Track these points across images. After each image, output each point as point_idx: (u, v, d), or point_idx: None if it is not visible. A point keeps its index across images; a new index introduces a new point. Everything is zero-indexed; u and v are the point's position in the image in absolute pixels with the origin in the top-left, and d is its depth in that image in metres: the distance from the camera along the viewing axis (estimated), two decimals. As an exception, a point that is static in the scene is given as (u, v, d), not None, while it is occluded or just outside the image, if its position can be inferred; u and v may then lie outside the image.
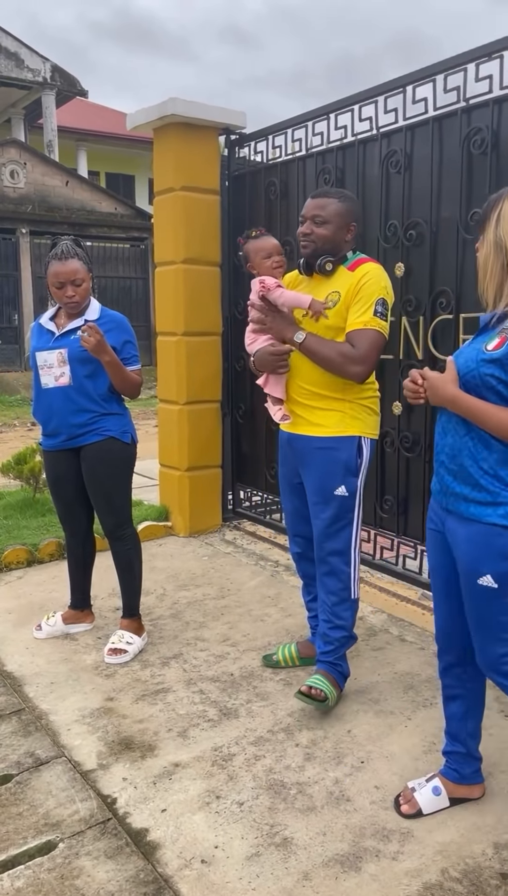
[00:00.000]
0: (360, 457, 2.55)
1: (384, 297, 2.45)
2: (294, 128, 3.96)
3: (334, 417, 2.54)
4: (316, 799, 2.15)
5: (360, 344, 2.42)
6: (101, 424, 2.98)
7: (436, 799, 2.08)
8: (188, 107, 4.11)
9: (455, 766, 2.11)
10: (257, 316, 2.57)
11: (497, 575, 1.77)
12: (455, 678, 2.08)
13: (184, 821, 2.07)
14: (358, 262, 2.50)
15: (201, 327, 4.46)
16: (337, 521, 2.57)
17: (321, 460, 2.55)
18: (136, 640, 3.06)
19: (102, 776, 2.28)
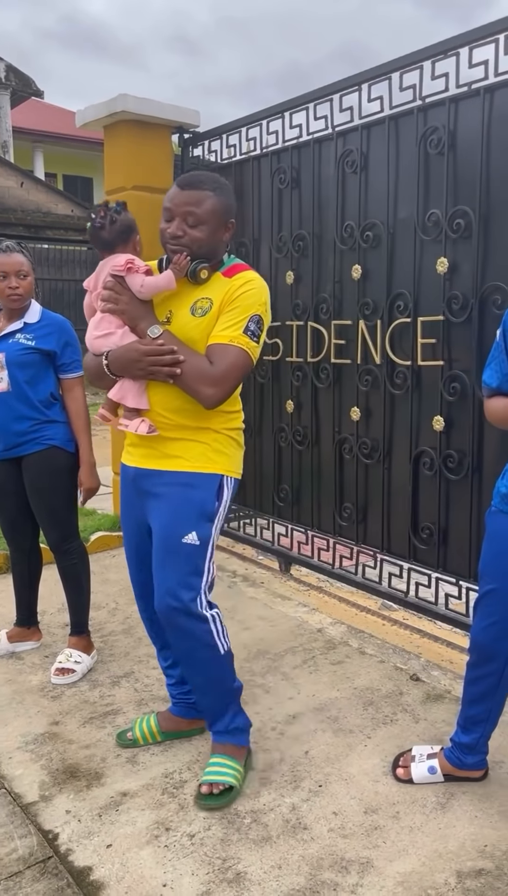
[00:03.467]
0: (219, 499, 2.12)
1: (260, 314, 2.03)
2: (248, 126, 3.86)
3: (195, 449, 2.09)
4: (271, 828, 2.04)
5: (219, 362, 1.98)
6: (43, 433, 2.84)
7: (430, 776, 2.17)
8: (139, 104, 3.98)
9: (459, 755, 2.17)
10: (110, 294, 2.06)
11: None
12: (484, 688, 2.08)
13: (130, 857, 1.94)
14: (236, 269, 2.10)
15: (154, 331, 4.32)
16: (180, 572, 2.09)
17: (172, 500, 2.09)
18: (84, 659, 2.92)
19: (44, 809, 2.13)
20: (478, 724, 2.12)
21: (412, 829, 2.03)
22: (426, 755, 2.21)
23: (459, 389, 2.93)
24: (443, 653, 3.08)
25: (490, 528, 2.00)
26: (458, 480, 2.99)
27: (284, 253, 3.75)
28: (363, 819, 2.07)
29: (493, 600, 1.99)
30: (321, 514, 3.73)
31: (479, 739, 2.14)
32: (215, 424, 2.11)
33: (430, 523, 3.15)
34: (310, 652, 3.08)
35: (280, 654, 3.07)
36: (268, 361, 3.91)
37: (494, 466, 2.88)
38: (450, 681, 2.81)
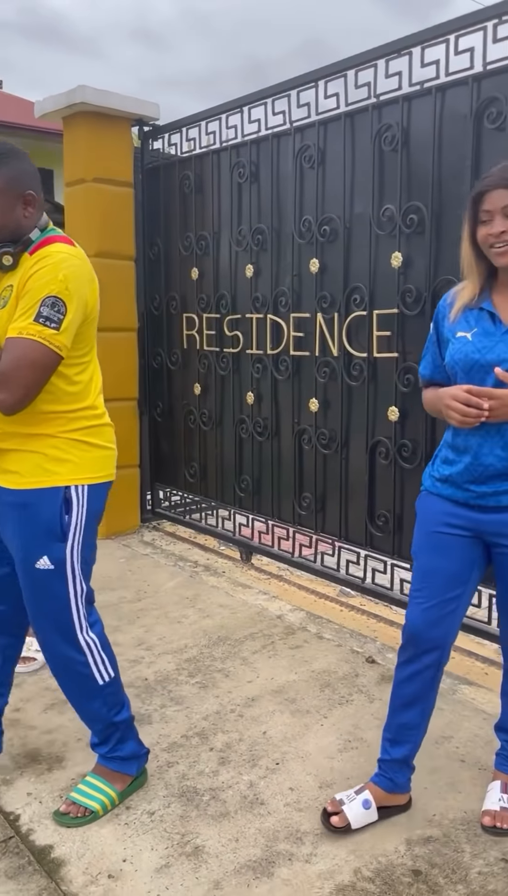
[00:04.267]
0: (69, 513, 1.89)
1: (56, 293, 1.76)
2: (208, 120, 3.90)
3: (29, 461, 1.88)
4: (229, 804, 2.10)
5: (5, 359, 1.75)
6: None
7: (366, 813, 1.97)
8: (98, 95, 3.99)
9: (391, 774, 2.01)
10: None
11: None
12: (422, 684, 1.97)
13: (91, 835, 1.99)
14: (42, 244, 1.86)
15: (115, 323, 4.34)
16: (42, 602, 1.95)
17: (17, 522, 1.90)
18: (39, 657, 2.94)
19: (6, 792, 2.16)
20: (412, 730, 1.99)
21: (364, 801, 2.10)
22: (354, 792, 2.01)
23: (413, 381, 3.02)
24: (398, 636, 3.15)
25: (420, 509, 2.01)
26: (412, 469, 3.08)
27: (243, 246, 3.80)
28: (319, 793, 2.14)
29: (428, 582, 1.94)
30: (281, 503, 3.80)
31: (412, 750, 2.01)
32: (51, 429, 1.88)
33: (386, 511, 3.23)
34: (269, 637, 3.15)
35: (240, 640, 3.13)
36: (229, 354, 3.96)
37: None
38: (404, 662, 2.90)
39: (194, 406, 4.29)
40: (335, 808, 1.98)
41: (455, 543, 1.91)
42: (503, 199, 1.73)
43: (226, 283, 3.94)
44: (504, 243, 1.74)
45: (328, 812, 1.99)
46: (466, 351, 1.82)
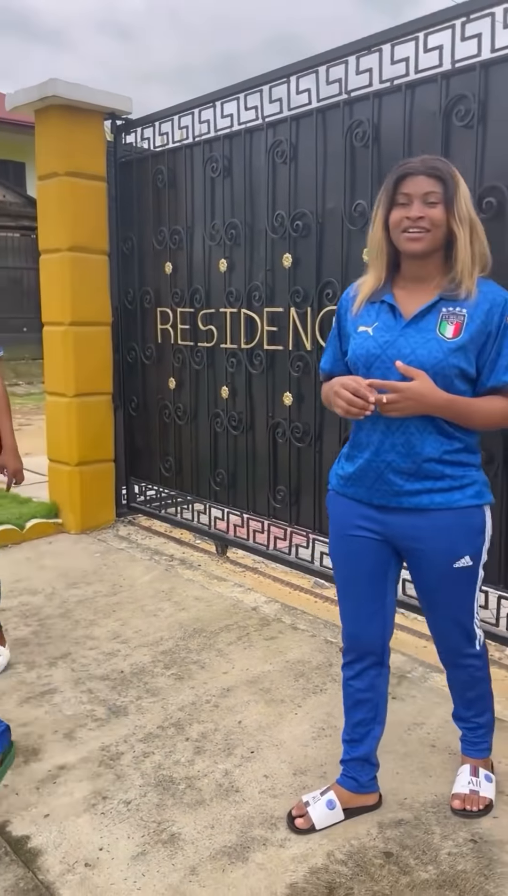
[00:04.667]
0: None
1: None
2: (181, 114, 3.90)
3: None
4: (205, 792, 2.13)
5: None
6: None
7: (330, 813, 1.97)
8: (70, 88, 3.98)
9: (354, 774, 2.01)
10: None
11: (473, 552, 1.86)
12: (368, 682, 1.98)
13: (68, 825, 2.00)
14: None
15: (89, 317, 4.34)
16: None
17: None
18: (3, 652, 2.88)
19: None
20: (366, 727, 1.99)
21: (338, 787, 2.14)
22: (320, 793, 2.01)
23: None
24: (371, 626, 3.22)
25: (331, 510, 1.99)
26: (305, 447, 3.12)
27: (217, 241, 3.81)
28: (293, 780, 2.18)
29: (350, 590, 1.96)
30: (256, 497, 3.83)
31: (370, 747, 2.01)
32: None
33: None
34: (244, 629, 3.18)
35: (215, 632, 3.15)
36: (203, 348, 3.98)
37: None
38: (377, 652, 2.95)
39: (168, 400, 4.30)
40: (299, 811, 1.99)
41: (368, 546, 1.90)
42: (425, 185, 1.73)
43: (200, 277, 3.95)
44: (419, 229, 1.73)
45: (293, 815, 1.99)
46: (367, 346, 1.81)
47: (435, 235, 1.74)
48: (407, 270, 1.83)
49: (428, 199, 1.73)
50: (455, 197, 1.73)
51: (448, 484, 1.80)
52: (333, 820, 1.98)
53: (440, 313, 1.76)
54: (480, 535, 1.86)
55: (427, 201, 1.73)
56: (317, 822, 1.96)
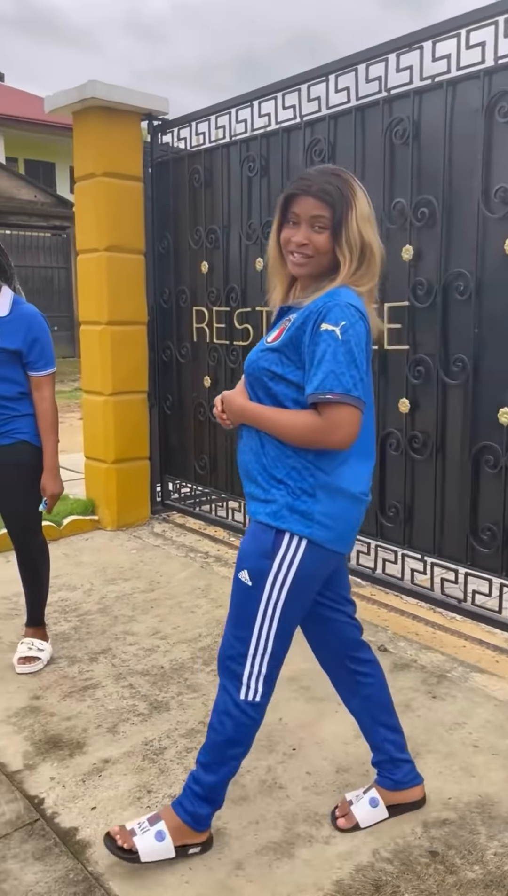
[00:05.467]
0: None
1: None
2: (218, 114, 3.92)
3: None
4: (249, 788, 2.14)
5: None
6: (12, 426, 2.73)
7: (374, 811, 1.97)
8: (109, 90, 4.01)
9: (387, 773, 2.00)
10: None
11: (252, 570, 1.72)
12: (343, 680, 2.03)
13: (114, 817, 2.03)
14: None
15: (125, 316, 4.38)
16: None
17: None
18: (46, 647, 2.93)
19: (29, 776, 2.21)
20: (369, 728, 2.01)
21: (381, 785, 2.15)
22: (363, 792, 2.01)
23: (424, 373, 3.05)
24: (409, 625, 3.22)
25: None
26: (423, 460, 3.12)
27: (253, 240, 3.82)
28: (336, 778, 2.19)
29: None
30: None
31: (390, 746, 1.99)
32: None
33: (396, 502, 3.27)
34: (282, 627, 3.18)
35: (253, 629, 3.17)
36: (239, 346, 3.99)
37: (456, 446, 3.01)
38: (416, 651, 2.95)
39: (203, 399, 4.32)
40: (343, 810, 1.99)
41: None
42: (313, 209, 1.64)
43: (236, 276, 3.96)
44: (302, 255, 1.67)
45: (336, 815, 1.99)
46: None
47: (320, 261, 1.68)
48: (300, 283, 1.79)
49: (316, 224, 1.65)
50: (345, 222, 1.64)
51: (258, 493, 1.73)
52: (377, 818, 1.98)
53: (283, 319, 1.74)
54: (265, 558, 1.70)
55: (314, 226, 1.65)
56: (361, 821, 1.97)
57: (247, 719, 1.80)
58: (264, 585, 1.70)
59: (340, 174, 1.69)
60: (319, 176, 1.66)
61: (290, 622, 1.76)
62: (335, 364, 1.58)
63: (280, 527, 1.68)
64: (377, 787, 2.02)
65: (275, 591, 1.71)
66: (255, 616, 1.73)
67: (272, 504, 1.69)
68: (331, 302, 1.61)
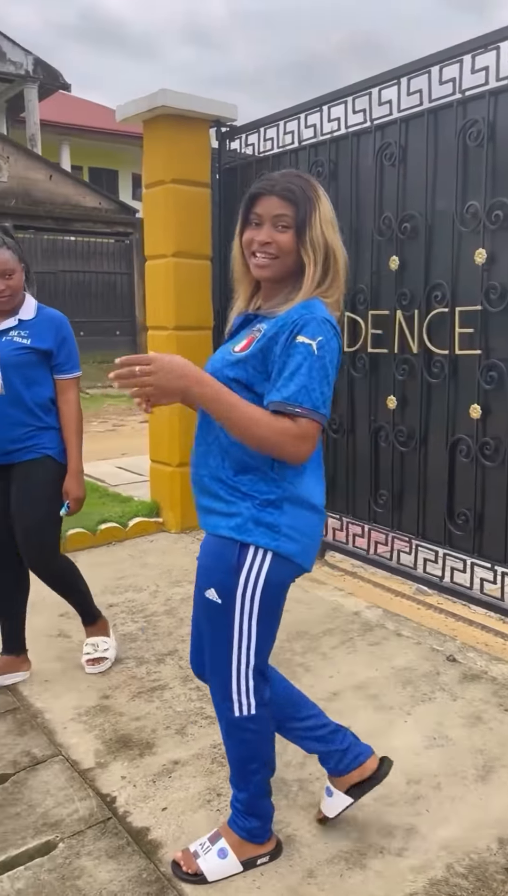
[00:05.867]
0: None
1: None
2: (286, 120, 3.92)
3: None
4: (318, 796, 2.13)
5: None
6: (38, 440, 2.63)
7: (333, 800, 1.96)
8: (179, 98, 4.07)
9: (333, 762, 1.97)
10: None
11: (219, 587, 1.69)
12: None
13: (185, 819, 2.05)
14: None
15: (192, 321, 4.43)
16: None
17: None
18: (110, 643, 2.93)
19: (101, 775, 2.24)
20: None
21: (453, 798, 2.11)
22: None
23: (496, 378, 2.99)
24: (478, 636, 3.15)
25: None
26: (494, 467, 3.05)
27: (321, 244, 3.81)
28: (406, 789, 2.16)
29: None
30: (356, 501, 3.81)
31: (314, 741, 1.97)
32: None
33: (466, 509, 3.21)
34: (347, 634, 3.16)
35: (318, 635, 3.16)
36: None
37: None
38: (486, 662, 2.89)
39: (268, 403, 4.32)
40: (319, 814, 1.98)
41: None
42: (276, 207, 1.62)
43: (302, 281, 3.95)
44: (266, 255, 1.64)
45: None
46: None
47: (284, 262, 1.64)
48: (263, 289, 1.75)
49: (279, 223, 1.62)
50: (309, 221, 1.61)
51: (219, 507, 1.69)
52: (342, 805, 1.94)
53: (248, 328, 1.70)
54: (232, 574, 1.67)
55: (278, 225, 1.63)
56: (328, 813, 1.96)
57: (250, 734, 1.79)
58: (234, 601, 1.68)
59: (303, 176, 1.68)
60: (282, 177, 1.65)
61: (267, 634, 1.75)
62: (309, 379, 1.55)
63: (245, 540, 1.66)
64: (330, 778, 1.98)
65: (247, 606, 1.69)
66: (232, 633, 1.71)
67: (237, 517, 1.67)
68: (308, 315, 1.58)
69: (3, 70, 15.99)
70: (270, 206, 1.63)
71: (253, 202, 1.65)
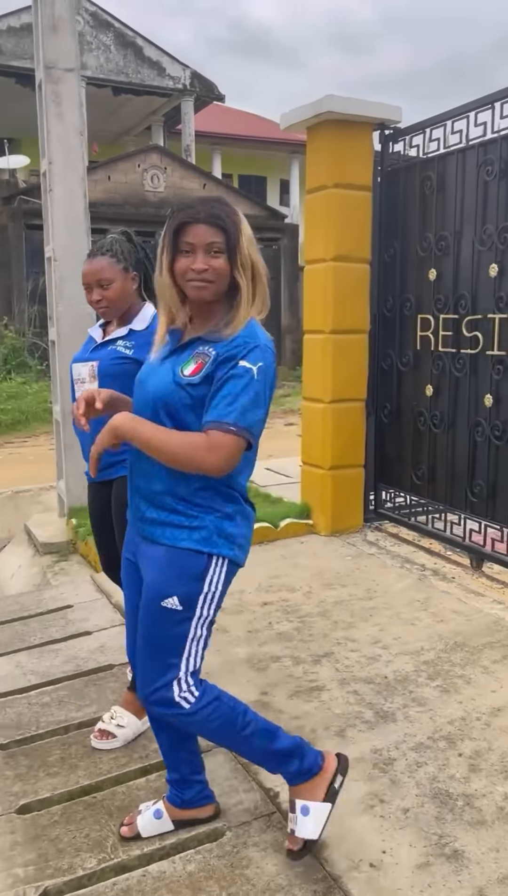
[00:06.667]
0: None
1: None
2: (454, 119, 3.84)
3: None
4: (486, 813, 2.07)
5: None
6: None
7: (158, 823, 2.02)
8: (345, 103, 4.08)
9: (178, 791, 2.03)
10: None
11: (183, 596, 1.76)
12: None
13: (348, 821, 2.05)
14: None
15: (348, 325, 4.43)
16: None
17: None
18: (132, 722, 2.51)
19: (262, 770, 2.28)
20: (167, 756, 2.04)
21: None
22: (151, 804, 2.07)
23: None
24: None
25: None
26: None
27: (488, 246, 3.70)
28: None
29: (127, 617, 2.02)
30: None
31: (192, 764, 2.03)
32: None
33: None
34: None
35: (478, 648, 3.06)
36: (466, 355, 3.88)
37: None
38: None
39: (424, 408, 4.25)
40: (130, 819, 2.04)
41: (127, 570, 1.97)
42: (208, 235, 1.70)
43: (466, 283, 3.86)
44: (203, 280, 1.72)
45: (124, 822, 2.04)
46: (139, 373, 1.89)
47: (219, 285, 1.74)
48: (193, 311, 1.82)
49: (211, 250, 1.71)
50: (238, 245, 1.72)
51: (178, 521, 1.77)
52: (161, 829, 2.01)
53: (195, 351, 1.76)
54: (196, 581, 1.76)
55: (210, 251, 1.71)
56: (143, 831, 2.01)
57: (209, 715, 1.83)
58: (196, 608, 1.78)
59: (222, 200, 1.78)
60: (203, 204, 1.74)
61: (210, 634, 1.86)
62: (247, 401, 1.68)
63: (211, 551, 1.76)
64: (164, 801, 2.04)
65: (206, 611, 1.80)
66: (186, 638, 1.79)
67: (202, 530, 1.76)
68: (252, 343, 1.71)
69: (163, 85, 16.70)
70: (200, 234, 1.71)
71: (181, 230, 1.73)
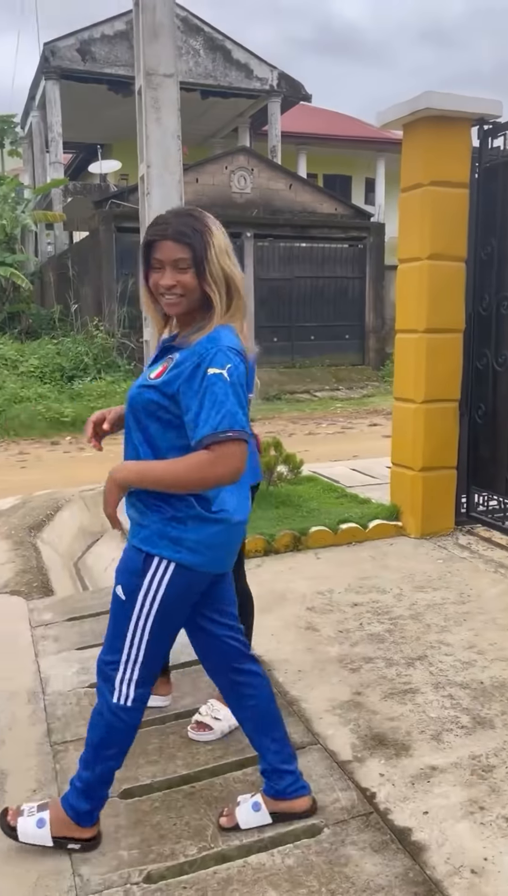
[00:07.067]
0: None
1: None
2: None
3: None
4: None
5: None
6: None
7: (256, 815, 2.03)
8: (443, 99, 4.02)
9: (271, 781, 2.05)
10: None
11: (125, 587, 1.86)
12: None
13: (448, 827, 2.03)
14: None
15: (442, 324, 4.36)
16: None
17: None
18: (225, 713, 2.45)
19: (359, 769, 2.29)
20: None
21: None
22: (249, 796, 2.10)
23: None
24: None
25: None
26: None
27: None
28: None
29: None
30: None
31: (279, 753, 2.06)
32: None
33: None
34: None
35: None
36: None
37: None
38: None
39: (521, 409, 4.14)
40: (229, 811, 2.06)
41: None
42: (174, 252, 1.75)
43: None
44: (173, 295, 1.78)
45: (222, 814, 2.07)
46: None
47: (190, 298, 1.79)
48: (177, 321, 1.89)
49: (178, 265, 1.76)
50: (206, 259, 1.75)
51: (134, 517, 1.86)
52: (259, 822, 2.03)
53: (165, 357, 1.83)
54: (136, 576, 1.83)
55: (177, 267, 1.76)
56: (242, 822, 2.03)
57: (118, 722, 1.90)
58: (134, 602, 1.84)
59: (193, 213, 1.81)
60: (174, 218, 1.79)
61: (161, 636, 1.89)
62: (230, 405, 1.71)
63: (150, 551, 1.82)
64: (261, 794, 2.05)
65: (145, 609, 1.84)
66: (127, 628, 1.87)
67: (146, 529, 1.83)
68: (214, 348, 1.74)
69: (251, 87, 16.83)
70: (167, 251, 1.77)
71: (151, 248, 1.79)
